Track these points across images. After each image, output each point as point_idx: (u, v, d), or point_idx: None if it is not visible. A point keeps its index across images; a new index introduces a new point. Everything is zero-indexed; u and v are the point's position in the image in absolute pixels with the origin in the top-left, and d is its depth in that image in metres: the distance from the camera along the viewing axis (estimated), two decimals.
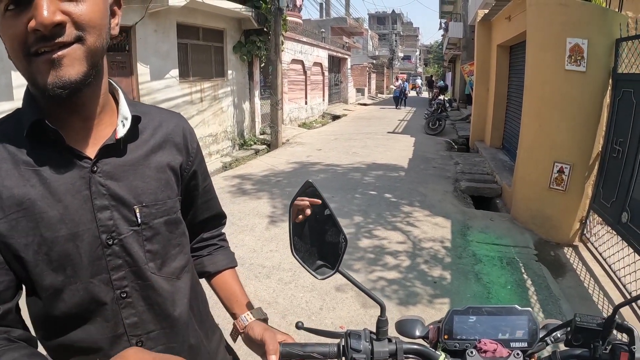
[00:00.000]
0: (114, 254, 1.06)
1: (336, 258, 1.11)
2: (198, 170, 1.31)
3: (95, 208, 1.03)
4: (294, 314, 4.20)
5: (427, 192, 8.39)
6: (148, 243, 1.11)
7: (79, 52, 0.92)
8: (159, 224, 1.13)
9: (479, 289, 4.72)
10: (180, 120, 1.29)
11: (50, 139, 0.99)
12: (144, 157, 1.12)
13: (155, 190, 1.13)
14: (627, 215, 4.79)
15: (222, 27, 12.00)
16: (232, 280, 1.43)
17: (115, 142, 1.06)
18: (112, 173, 1.06)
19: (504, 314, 1.13)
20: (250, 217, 6.76)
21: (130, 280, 1.09)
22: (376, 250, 5.68)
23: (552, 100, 6.06)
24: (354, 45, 38.03)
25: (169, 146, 1.20)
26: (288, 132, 15.57)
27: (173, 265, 1.18)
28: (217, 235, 1.49)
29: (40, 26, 0.85)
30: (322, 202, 1.13)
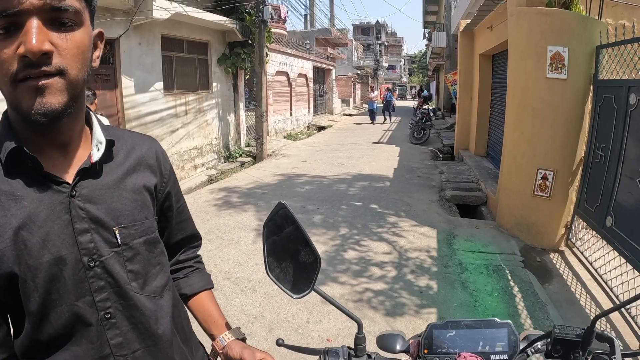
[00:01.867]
0: (96, 275, 1.07)
1: (311, 277, 1.12)
2: (172, 191, 1.34)
3: (76, 232, 1.04)
4: (280, 327, 4.17)
5: (413, 202, 8.39)
6: (129, 263, 1.12)
7: (60, 84, 0.95)
8: (139, 244, 1.15)
9: (465, 298, 4.71)
10: (153, 143, 1.31)
11: (28, 166, 1.00)
12: (119, 179, 1.14)
13: (132, 211, 1.14)
14: (611, 219, 4.84)
15: (207, 39, 12.00)
16: (208, 302, 1.44)
17: (91, 165, 1.08)
18: (90, 196, 1.07)
19: (484, 327, 1.14)
20: (235, 231, 6.72)
21: (113, 301, 1.09)
22: (362, 261, 5.66)
23: (534, 107, 6.11)
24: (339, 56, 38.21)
25: (143, 168, 1.22)
26: (273, 144, 15.57)
27: (154, 284, 1.19)
28: (192, 257, 1.50)
29: (29, 53, 0.88)
30: (295, 223, 1.13)
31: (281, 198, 8.39)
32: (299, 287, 1.14)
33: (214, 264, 5.46)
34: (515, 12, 6.42)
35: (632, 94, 4.58)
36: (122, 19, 8.52)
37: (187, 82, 11.33)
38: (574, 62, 5.70)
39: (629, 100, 4.62)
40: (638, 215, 4.35)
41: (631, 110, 4.61)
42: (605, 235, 4.98)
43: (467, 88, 13.17)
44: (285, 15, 23.44)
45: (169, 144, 10.32)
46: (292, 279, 1.16)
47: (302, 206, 8.04)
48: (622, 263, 4.56)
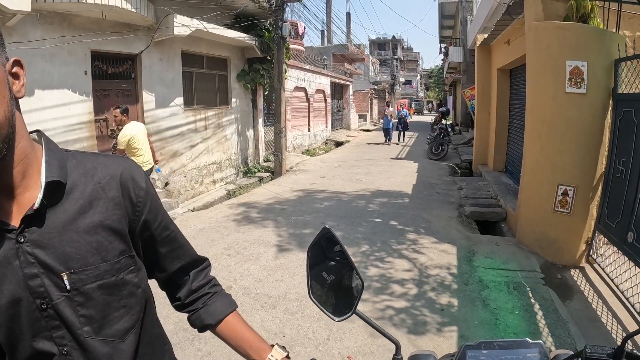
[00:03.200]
0: (50, 316, 1.06)
1: (352, 300, 1.14)
2: (150, 219, 1.23)
3: (26, 276, 1.02)
4: (301, 344, 4.17)
5: (432, 219, 8.37)
6: (81, 308, 1.08)
7: None
8: (91, 289, 1.09)
9: (486, 316, 4.68)
10: (120, 168, 1.18)
11: None
12: (70, 221, 1.08)
13: (84, 254, 1.08)
14: (633, 235, 4.78)
15: (226, 55, 12.16)
16: (237, 325, 1.39)
17: (34, 212, 1.02)
18: (39, 241, 1.04)
19: (516, 347, 1.15)
20: (255, 246, 6.75)
21: (68, 340, 1.09)
22: (383, 278, 5.65)
23: (553, 123, 6.09)
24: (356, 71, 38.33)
25: (102, 203, 1.13)
26: (292, 160, 15.63)
27: (115, 327, 1.15)
28: (206, 283, 1.42)
29: None
30: (340, 247, 1.15)
31: (300, 214, 8.49)
32: (340, 309, 1.16)
33: (233, 279, 5.48)
34: (533, 27, 6.43)
35: None
36: (143, 35, 8.69)
37: (207, 98, 11.48)
38: (593, 76, 5.68)
39: None
40: None
41: None
42: (626, 251, 4.93)
43: (485, 103, 13.12)
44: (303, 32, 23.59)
45: (189, 159, 10.43)
46: (334, 302, 1.18)
47: (321, 222, 8.04)
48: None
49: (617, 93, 5.50)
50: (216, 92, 11.96)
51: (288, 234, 7.35)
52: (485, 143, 13.32)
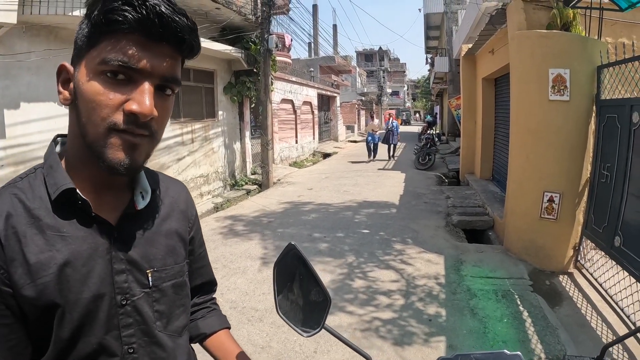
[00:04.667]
0: (126, 313, 1.11)
1: (321, 316, 1.12)
2: (195, 237, 1.38)
3: (114, 272, 1.09)
4: (287, 358, 4.13)
5: (419, 229, 8.36)
6: (157, 304, 1.17)
7: (148, 145, 1.03)
8: (167, 287, 1.19)
9: (475, 325, 4.66)
10: (183, 188, 1.38)
11: (76, 206, 1.05)
12: (156, 225, 1.20)
13: (164, 255, 1.19)
14: (619, 239, 4.80)
15: (213, 68, 12.13)
16: (228, 340, 1.45)
17: (134, 212, 1.14)
18: (129, 239, 1.12)
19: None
20: (242, 260, 6.70)
21: (138, 337, 1.13)
22: (369, 290, 5.61)
23: (538, 130, 6.12)
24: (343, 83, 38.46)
25: (176, 213, 1.28)
26: (279, 172, 15.61)
27: (176, 324, 1.23)
28: (209, 300, 1.54)
29: (141, 115, 0.95)
30: (305, 263, 1.14)
31: (287, 227, 8.45)
32: (310, 325, 1.14)
33: (220, 293, 5.41)
34: (516, 36, 6.47)
35: (635, 112, 4.58)
36: None
37: (194, 111, 11.42)
38: (576, 83, 5.72)
39: (632, 119, 4.63)
40: None
41: (635, 128, 4.61)
42: (614, 256, 4.94)
43: (471, 112, 13.21)
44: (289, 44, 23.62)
45: (175, 172, 10.37)
46: (303, 318, 1.17)
47: (308, 234, 8.02)
48: (633, 283, 4.51)
49: (600, 99, 5.54)
50: (203, 105, 11.91)
51: (274, 247, 7.29)
52: (471, 152, 13.38)
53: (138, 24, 0.93)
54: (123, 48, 0.94)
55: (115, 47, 0.94)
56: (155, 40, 0.96)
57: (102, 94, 0.95)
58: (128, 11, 0.92)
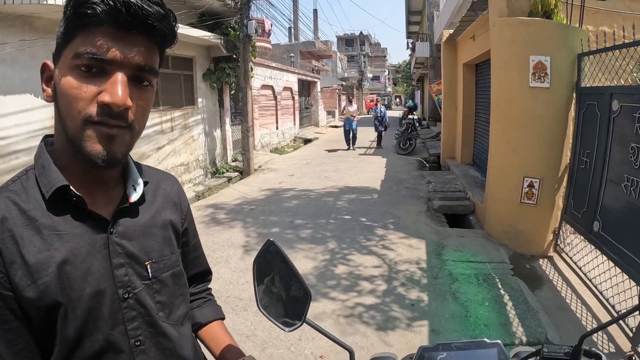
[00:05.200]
0: (129, 306, 1.12)
1: (302, 310, 1.13)
2: (189, 228, 1.41)
3: (113, 266, 1.10)
4: (273, 346, 4.14)
5: (401, 214, 8.40)
6: (158, 295, 1.19)
7: (127, 137, 1.03)
8: (166, 277, 1.22)
9: (457, 309, 4.71)
10: (175, 181, 1.40)
11: (71, 203, 1.05)
12: (151, 216, 1.22)
13: (161, 247, 1.22)
14: (598, 224, 4.88)
15: (192, 55, 12.00)
16: (222, 331, 1.48)
17: (129, 205, 1.15)
18: (126, 233, 1.14)
19: (473, 348, 1.15)
20: (224, 249, 6.68)
21: (143, 330, 1.15)
22: (352, 276, 5.64)
23: (518, 117, 6.16)
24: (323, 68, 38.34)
25: (169, 205, 1.30)
26: (260, 158, 15.54)
27: (178, 314, 1.26)
28: (204, 290, 1.56)
29: (114, 105, 0.95)
30: (284, 259, 1.15)
31: (269, 214, 8.44)
32: (291, 320, 1.15)
33: None
34: (497, 23, 6.49)
35: (614, 100, 4.63)
36: None
37: (173, 99, 11.30)
38: (557, 70, 5.76)
39: (612, 107, 4.67)
40: (625, 220, 4.39)
41: (614, 116, 4.66)
42: (593, 240, 5.03)
43: (452, 97, 13.26)
44: (269, 29, 23.47)
45: (155, 161, 10.27)
46: (283, 312, 1.17)
47: (290, 221, 8.02)
48: (611, 267, 4.59)
49: (581, 87, 5.59)
50: (182, 92, 11.78)
51: (257, 235, 7.28)
52: (452, 137, 13.45)
53: (107, 15, 0.94)
54: (93, 40, 0.95)
55: (86, 41, 0.95)
56: (126, 30, 0.96)
57: (76, 88, 0.96)
58: (97, 3, 0.93)
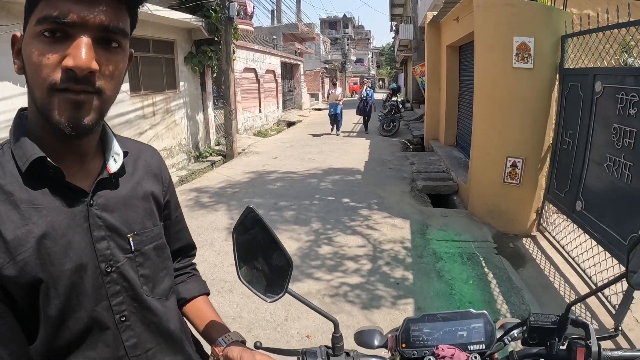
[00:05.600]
0: (113, 281, 1.10)
1: (284, 280, 1.10)
2: (171, 200, 1.38)
3: (94, 239, 1.07)
4: (259, 327, 4.14)
5: (385, 194, 8.43)
6: (141, 268, 1.17)
7: (96, 102, 0.97)
8: (149, 250, 1.20)
9: (441, 287, 4.75)
10: (155, 152, 1.37)
11: (48, 176, 1.02)
12: (131, 188, 1.19)
13: (143, 219, 1.19)
14: (581, 204, 4.93)
15: (173, 38, 11.85)
16: (206, 306, 1.45)
17: (109, 176, 1.12)
18: (106, 205, 1.11)
19: (460, 319, 1.15)
20: (209, 232, 6.66)
21: (128, 304, 1.13)
22: (336, 256, 5.66)
23: (501, 97, 6.19)
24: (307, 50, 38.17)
25: (150, 177, 1.27)
26: (243, 142, 15.46)
27: (162, 287, 1.24)
28: (188, 265, 1.53)
29: (77, 69, 0.90)
30: (264, 227, 1.11)
31: (253, 196, 8.42)
32: (273, 290, 1.12)
33: None
34: (481, 4, 6.48)
35: (597, 81, 4.66)
36: None
37: (154, 83, 11.17)
38: (540, 52, 5.77)
39: (595, 88, 4.71)
40: (607, 199, 4.44)
41: (597, 97, 4.70)
42: (575, 219, 5.09)
43: (435, 79, 13.26)
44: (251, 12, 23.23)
45: None
46: (265, 283, 1.14)
47: (273, 203, 8.01)
48: (594, 245, 4.65)
49: (564, 68, 5.61)
50: (163, 76, 11.63)
51: None
52: (436, 119, 13.48)
53: None
54: (55, 4, 0.91)
55: (48, 5, 0.92)
56: None
57: (40, 54, 0.92)
58: None
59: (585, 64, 5.05)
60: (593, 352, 1.04)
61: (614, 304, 4.06)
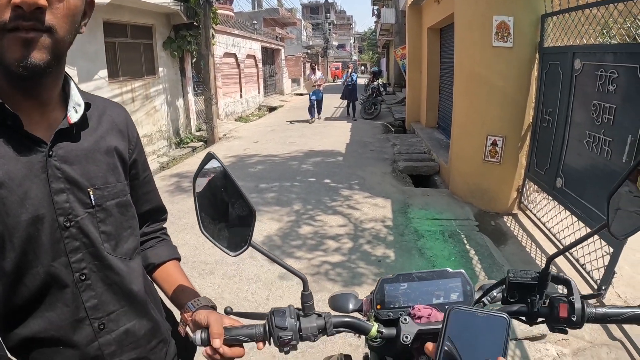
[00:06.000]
0: (72, 236, 1.07)
1: (247, 232, 1.05)
2: (138, 159, 1.34)
3: (52, 191, 1.04)
4: (240, 306, 4.11)
5: (366, 175, 8.45)
6: (102, 224, 1.14)
7: (47, 41, 0.94)
8: (111, 206, 1.16)
9: (423, 264, 4.77)
10: (122, 109, 1.33)
11: (6, 123, 0.99)
12: (94, 141, 1.16)
13: (105, 173, 1.16)
14: (561, 181, 4.97)
15: (151, 23, 11.66)
16: (176, 271, 1.42)
17: (69, 127, 1.09)
18: (66, 157, 1.08)
19: (436, 278, 1.12)
20: (190, 215, 6.58)
21: (88, 262, 1.11)
22: (317, 235, 5.66)
23: (481, 76, 6.18)
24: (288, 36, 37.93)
25: (115, 132, 1.24)
26: (224, 127, 15.35)
27: (126, 247, 1.21)
28: (159, 229, 1.50)
29: (23, 4, 0.87)
30: (226, 174, 1.06)
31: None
32: (236, 243, 1.07)
33: None
34: None
35: (576, 59, 4.68)
36: None
37: (133, 69, 11.00)
38: (520, 30, 5.76)
39: (574, 66, 4.72)
40: (587, 175, 4.47)
41: (576, 75, 4.71)
42: (556, 196, 5.12)
43: (416, 62, 13.27)
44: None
45: None
46: (229, 235, 1.09)
47: (255, 185, 7.97)
48: (574, 222, 4.68)
49: (544, 47, 5.60)
50: (142, 62, 11.45)
51: None
52: (417, 101, 13.50)
53: None
54: None
55: None
56: None
57: None
58: None
59: (564, 43, 5.05)
60: (577, 309, 1.01)
61: (596, 279, 4.09)
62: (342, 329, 1.11)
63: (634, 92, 3.73)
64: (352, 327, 1.10)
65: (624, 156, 3.84)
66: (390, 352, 1.10)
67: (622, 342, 3.43)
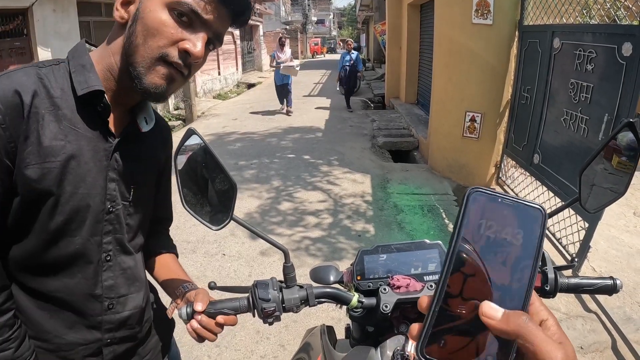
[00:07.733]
0: (109, 220, 1.20)
1: (228, 206, 1.06)
2: (167, 171, 1.46)
3: (108, 178, 1.17)
4: (223, 284, 4.12)
5: (345, 151, 8.48)
6: (129, 217, 1.26)
7: (180, 83, 1.13)
8: (140, 205, 1.29)
9: (403, 237, 4.83)
10: (169, 127, 1.48)
11: (95, 109, 1.12)
12: (146, 148, 1.29)
13: (145, 177, 1.30)
14: (538, 157, 5.04)
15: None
16: (173, 262, 1.50)
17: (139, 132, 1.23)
18: (125, 154, 1.20)
19: (414, 249, 1.13)
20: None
21: (113, 246, 1.22)
22: (297, 211, 5.69)
23: (460, 53, 6.21)
24: (266, 11, 37.41)
25: (161, 145, 1.38)
26: (203, 105, 15.18)
27: (137, 241, 1.32)
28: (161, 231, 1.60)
29: (192, 55, 1.06)
30: (207, 150, 1.07)
31: None
32: (218, 217, 1.09)
33: None
34: None
35: (556, 38, 4.70)
36: None
37: None
38: (500, 8, 5.75)
39: (553, 45, 4.75)
40: (564, 152, 4.55)
41: (555, 53, 4.75)
42: (533, 172, 5.20)
43: (396, 38, 13.20)
44: None
45: None
46: (210, 210, 1.11)
47: (234, 163, 7.94)
48: (551, 197, 4.76)
49: (524, 25, 5.61)
50: None
51: None
52: (397, 77, 13.47)
53: None
54: None
55: None
56: (224, 3, 1.07)
57: (167, 27, 1.04)
58: None
59: (544, 21, 5.07)
60: (550, 279, 1.04)
61: (572, 253, 4.17)
62: (323, 299, 1.13)
63: (611, 71, 3.78)
64: (334, 297, 1.12)
65: (600, 134, 3.91)
66: (370, 322, 1.13)
67: (597, 314, 3.52)
